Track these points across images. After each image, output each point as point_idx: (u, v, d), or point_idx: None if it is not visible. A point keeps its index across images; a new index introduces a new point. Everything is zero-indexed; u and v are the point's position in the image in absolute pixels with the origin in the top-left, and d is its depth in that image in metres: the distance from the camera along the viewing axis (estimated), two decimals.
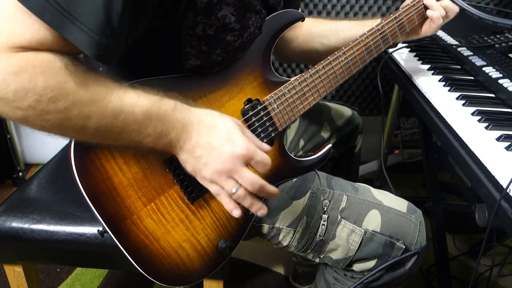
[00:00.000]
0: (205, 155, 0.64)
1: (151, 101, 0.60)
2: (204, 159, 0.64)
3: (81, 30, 0.51)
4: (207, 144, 0.64)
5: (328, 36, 0.97)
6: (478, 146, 0.75)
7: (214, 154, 0.64)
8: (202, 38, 0.68)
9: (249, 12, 0.71)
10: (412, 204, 0.90)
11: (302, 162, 0.86)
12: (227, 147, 0.64)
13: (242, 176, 0.64)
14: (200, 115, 0.65)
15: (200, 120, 0.64)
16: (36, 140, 1.96)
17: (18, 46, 0.50)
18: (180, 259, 0.73)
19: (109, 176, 0.65)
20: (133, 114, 0.58)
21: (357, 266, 0.87)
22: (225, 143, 0.64)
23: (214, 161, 0.64)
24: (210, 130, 0.64)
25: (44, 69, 0.51)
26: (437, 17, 0.89)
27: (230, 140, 0.64)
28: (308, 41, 1.00)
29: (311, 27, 1.00)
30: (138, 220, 0.68)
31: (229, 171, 0.64)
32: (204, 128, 0.64)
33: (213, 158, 0.64)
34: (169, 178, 0.71)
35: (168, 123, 0.62)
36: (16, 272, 0.95)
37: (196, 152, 0.64)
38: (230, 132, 0.65)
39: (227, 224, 0.78)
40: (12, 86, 0.49)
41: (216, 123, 0.65)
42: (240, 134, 0.65)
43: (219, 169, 0.64)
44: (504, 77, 0.97)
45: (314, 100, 0.83)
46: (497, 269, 1.50)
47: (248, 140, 0.66)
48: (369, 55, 0.87)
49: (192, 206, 0.73)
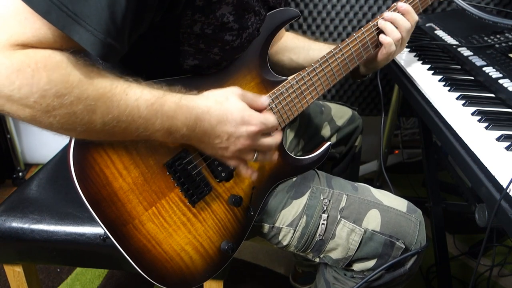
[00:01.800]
0: (223, 142, 0.67)
1: (155, 96, 0.60)
2: (223, 145, 0.68)
3: (86, 30, 0.51)
4: (223, 132, 0.67)
5: (298, 53, 1.00)
6: (478, 146, 0.75)
7: (232, 139, 0.67)
8: (200, 37, 0.68)
9: (247, 13, 0.71)
10: (412, 204, 0.90)
11: (302, 160, 0.86)
12: (242, 128, 0.67)
13: (262, 147, 0.72)
14: (208, 105, 0.66)
15: (209, 110, 0.65)
16: (36, 140, 1.96)
17: (19, 44, 0.50)
18: (183, 262, 0.73)
19: (109, 181, 0.65)
20: (138, 108, 0.58)
21: (357, 265, 0.87)
22: (239, 126, 0.67)
23: (233, 144, 0.68)
24: (222, 118, 0.66)
25: (46, 63, 0.51)
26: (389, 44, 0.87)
27: (244, 121, 0.67)
28: (278, 52, 1.02)
29: (286, 41, 1.02)
30: (139, 224, 0.68)
31: (249, 147, 0.70)
32: (216, 117, 0.66)
33: (232, 142, 0.68)
34: (170, 181, 0.71)
35: (176, 119, 0.62)
36: (16, 272, 0.95)
37: (214, 141, 0.67)
38: (241, 113, 0.67)
39: (229, 225, 0.78)
40: (17, 83, 0.49)
41: (226, 110, 0.67)
42: (250, 111, 0.69)
43: (240, 149, 0.69)
44: (504, 77, 0.97)
45: (312, 98, 0.83)
46: (497, 269, 1.50)
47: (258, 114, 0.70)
48: (365, 51, 0.88)
49: (193, 209, 0.73)
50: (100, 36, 0.52)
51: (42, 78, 0.50)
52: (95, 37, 0.52)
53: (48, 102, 0.51)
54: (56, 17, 0.50)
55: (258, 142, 0.70)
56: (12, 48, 0.50)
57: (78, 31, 0.51)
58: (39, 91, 0.50)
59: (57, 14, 0.50)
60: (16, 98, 0.50)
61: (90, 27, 0.51)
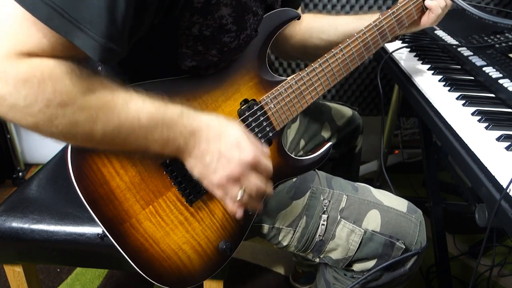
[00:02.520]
0: (214, 162, 0.65)
1: (156, 107, 0.60)
2: (213, 166, 0.65)
3: (88, 35, 0.52)
4: (216, 151, 0.65)
5: (327, 31, 0.97)
6: (478, 146, 0.75)
7: (223, 161, 0.65)
8: (198, 39, 0.68)
9: (246, 14, 0.71)
10: (412, 204, 0.90)
11: (302, 161, 0.86)
12: (236, 153, 0.65)
13: (249, 181, 0.66)
14: (208, 121, 0.65)
15: (208, 126, 0.65)
16: (36, 140, 1.96)
17: (24, 53, 0.51)
18: (181, 261, 0.73)
19: (107, 180, 0.65)
20: (139, 119, 0.59)
21: (357, 266, 0.87)
22: (234, 150, 0.65)
23: (223, 167, 0.65)
24: (219, 137, 0.65)
25: (52, 74, 0.52)
26: (436, 6, 0.88)
27: (239, 147, 0.65)
28: (307, 37, 1.00)
29: (310, 23, 1.00)
30: (137, 223, 0.68)
31: (237, 177, 0.65)
32: (213, 134, 0.65)
33: (222, 165, 0.65)
34: (167, 180, 0.71)
35: (175, 129, 0.62)
36: (16, 272, 0.95)
37: (205, 158, 0.65)
38: (239, 138, 0.66)
39: (227, 225, 0.78)
40: (23, 93, 0.50)
41: (224, 130, 0.66)
42: (247, 141, 0.66)
43: (228, 175, 0.65)
44: (504, 77, 0.96)
45: (312, 98, 0.83)
46: (497, 269, 1.50)
47: (255, 146, 0.67)
48: (367, 52, 0.86)
49: (190, 208, 0.73)
50: (101, 40, 0.53)
51: (48, 88, 0.51)
52: (96, 42, 0.52)
53: (52, 111, 0.52)
54: (58, 23, 0.50)
55: (248, 176, 0.66)
56: (18, 57, 0.50)
57: (79, 36, 0.52)
58: (44, 101, 0.51)
59: (59, 20, 0.50)
60: (20, 107, 0.51)
61: (91, 32, 0.52)
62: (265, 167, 0.68)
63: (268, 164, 0.69)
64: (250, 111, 0.77)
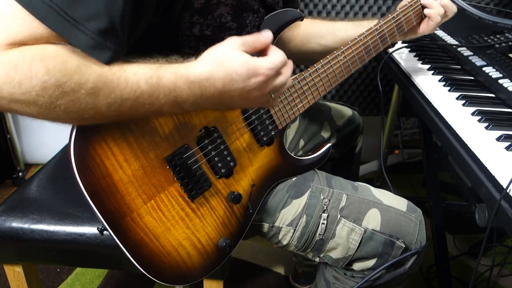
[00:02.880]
0: (236, 101, 0.65)
1: (152, 69, 0.58)
2: (238, 103, 0.66)
3: (85, 34, 0.52)
4: (232, 91, 0.63)
5: (325, 36, 0.98)
6: (478, 146, 0.75)
7: (244, 94, 0.64)
8: (200, 39, 0.68)
9: (246, 11, 0.71)
10: (412, 203, 0.90)
11: (302, 161, 0.86)
12: (251, 81, 0.63)
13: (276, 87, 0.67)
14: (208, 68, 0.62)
15: (210, 74, 0.62)
16: (36, 140, 1.96)
17: (16, 43, 0.50)
18: (180, 258, 0.73)
19: (109, 173, 0.65)
20: (138, 83, 0.57)
21: (357, 265, 0.87)
22: (247, 80, 0.63)
23: (246, 98, 0.65)
24: (227, 78, 0.62)
25: (42, 55, 0.50)
26: (435, 14, 0.89)
27: (250, 75, 0.63)
28: (305, 41, 1.00)
29: (309, 28, 1.01)
30: (138, 217, 0.68)
31: (265, 95, 0.66)
32: (220, 80, 0.62)
33: (246, 98, 0.65)
34: (170, 175, 0.71)
35: (179, 90, 0.60)
36: (16, 272, 0.95)
37: (227, 102, 0.65)
38: (245, 66, 0.63)
39: (227, 222, 0.78)
40: (16, 79, 0.49)
41: (228, 68, 0.62)
42: (254, 61, 0.63)
43: (257, 101, 0.67)
44: (504, 77, 0.97)
45: (314, 99, 0.83)
46: (497, 269, 1.50)
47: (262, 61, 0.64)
48: (367, 55, 0.88)
49: (192, 204, 0.73)
50: (99, 39, 0.52)
51: (40, 69, 0.50)
52: (94, 41, 0.52)
53: (50, 92, 0.51)
54: (54, 21, 0.50)
55: (273, 85, 0.66)
56: (9, 47, 0.50)
57: (76, 35, 0.51)
58: (39, 83, 0.50)
59: (55, 19, 0.50)
60: (18, 95, 0.50)
61: (89, 31, 0.52)
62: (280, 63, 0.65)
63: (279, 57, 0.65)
64: (253, 110, 0.77)
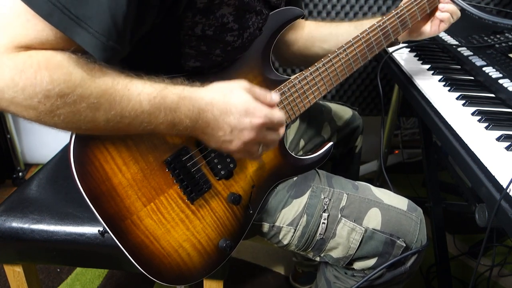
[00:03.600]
0: (227, 135, 0.66)
1: (156, 89, 0.60)
2: (227, 138, 0.66)
3: (88, 33, 0.52)
4: (226, 125, 0.65)
5: (328, 40, 0.98)
6: (478, 146, 0.75)
7: (235, 132, 0.66)
8: (202, 39, 0.68)
9: (248, 12, 0.71)
10: (412, 202, 0.90)
11: (303, 160, 0.86)
12: (246, 120, 0.65)
13: (266, 141, 0.70)
14: (211, 97, 0.64)
15: (212, 103, 0.64)
16: (36, 140, 1.96)
17: (22, 46, 0.50)
18: (181, 259, 0.73)
19: (109, 177, 0.65)
20: (140, 103, 0.58)
21: (358, 264, 0.87)
22: (243, 118, 0.65)
23: (237, 137, 0.66)
24: (226, 110, 0.65)
25: (48, 63, 0.51)
26: (448, 17, 0.90)
27: (248, 113, 0.66)
28: (308, 45, 1.00)
29: (312, 31, 1.00)
30: (138, 220, 0.68)
31: (253, 141, 0.68)
32: (219, 109, 0.64)
33: (236, 135, 0.66)
34: (169, 178, 0.71)
35: (179, 112, 0.61)
36: (16, 272, 0.95)
37: (217, 133, 0.66)
38: (245, 104, 0.66)
39: (227, 223, 0.78)
40: (20, 84, 0.49)
41: (229, 101, 0.65)
42: (255, 103, 0.66)
43: (245, 142, 0.67)
44: (504, 77, 0.97)
45: (315, 98, 0.83)
46: (497, 269, 1.50)
47: (263, 107, 0.67)
48: (370, 52, 0.87)
49: (192, 206, 0.73)
50: (102, 38, 0.53)
51: (45, 78, 0.50)
52: (97, 40, 0.52)
53: (52, 102, 0.51)
54: (58, 19, 0.50)
55: (263, 135, 0.69)
56: (15, 50, 0.50)
57: (80, 33, 0.52)
58: (42, 91, 0.50)
59: (59, 16, 0.50)
60: (20, 100, 0.50)
61: (92, 29, 0.52)
62: (278, 121, 0.69)
63: (280, 115, 0.70)
64: None
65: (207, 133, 0.66)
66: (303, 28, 1.01)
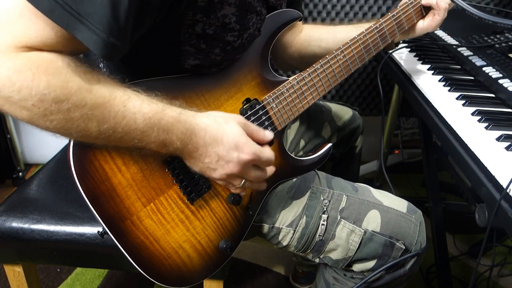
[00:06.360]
0: (213, 163, 0.67)
1: (153, 110, 0.60)
2: (212, 166, 0.67)
3: (89, 29, 0.52)
4: (214, 154, 0.66)
5: (326, 39, 0.98)
6: (478, 146, 0.75)
7: (221, 162, 0.67)
8: (202, 37, 0.68)
9: (250, 13, 0.71)
10: (412, 205, 0.90)
11: (302, 161, 0.86)
12: (234, 154, 0.66)
13: (249, 176, 0.70)
14: (206, 124, 0.66)
15: (206, 130, 0.65)
16: (36, 140, 1.96)
17: (23, 46, 0.50)
18: (181, 260, 0.73)
19: (108, 177, 0.65)
20: (135, 121, 0.58)
21: (357, 266, 0.87)
22: (232, 151, 0.66)
23: (222, 167, 0.67)
24: (217, 139, 0.66)
25: (47, 68, 0.51)
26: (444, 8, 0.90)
27: (237, 148, 0.66)
28: (306, 45, 1.01)
29: (309, 32, 1.01)
30: (137, 220, 0.68)
31: (237, 174, 0.68)
32: (211, 137, 0.65)
33: (221, 166, 0.67)
34: (169, 178, 0.71)
35: (172, 133, 0.62)
36: (16, 272, 0.95)
37: (203, 160, 0.66)
38: (237, 139, 0.67)
39: (228, 224, 0.78)
40: (17, 85, 0.49)
41: (222, 131, 0.66)
42: (246, 139, 0.68)
43: (228, 174, 0.68)
44: (504, 77, 0.97)
45: (313, 99, 0.83)
46: (497, 269, 1.50)
47: (254, 144, 0.68)
48: (367, 54, 0.87)
49: (192, 206, 0.73)
50: (103, 35, 0.52)
51: (42, 82, 0.50)
52: (98, 36, 0.52)
53: (46, 106, 0.51)
54: (59, 15, 0.50)
55: (247, 172, 0.69)
56: (17, 50, 0.50)
57: (81, 30, 0.52)
58: (38, 95, 0.50)
59: (61, 13, 0.50)
60: (15, 100, 0.50)
61: (93, 26, 0.52)
62: (266, 160, 0.70)
63: (269, 154, 0.71)
64: (252, 111, 0.77)
65: (194, 157, 0.67)
66: (301, 30, 1.01)
